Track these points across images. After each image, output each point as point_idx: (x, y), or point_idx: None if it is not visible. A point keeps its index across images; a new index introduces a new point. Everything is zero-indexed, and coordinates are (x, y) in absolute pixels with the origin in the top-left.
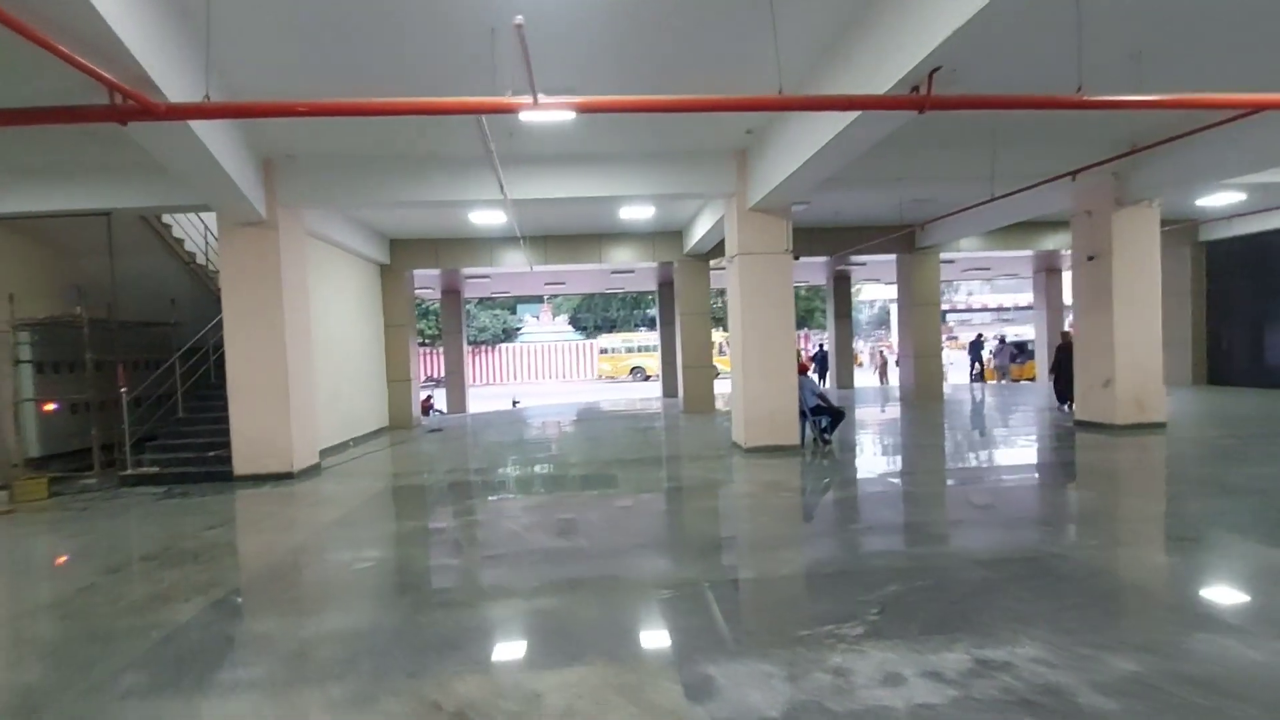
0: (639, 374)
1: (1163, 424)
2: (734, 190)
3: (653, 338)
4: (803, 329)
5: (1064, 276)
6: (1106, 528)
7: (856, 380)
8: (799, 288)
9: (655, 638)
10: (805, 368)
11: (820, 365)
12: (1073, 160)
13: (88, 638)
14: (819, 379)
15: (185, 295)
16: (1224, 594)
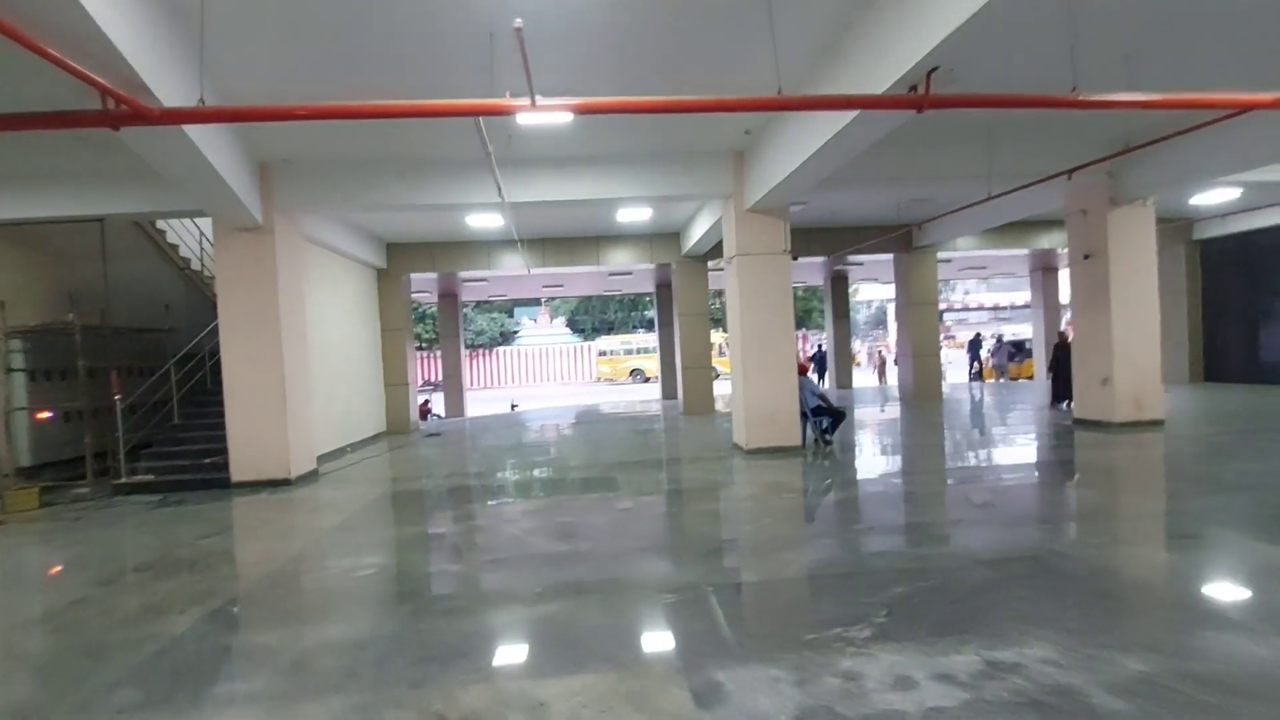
0: (638, 376)
1: (1160, 421)
2: (732, 191)
3: (651, 339)
4: (800, 329)
5: (1060, 275)
6: (1108, 526)
7: (855, 380)
8: (796, 288)
9: (661, 643)
10: (805, 368)
11: (819, 366)
12: (1068, 159)
13: (80, 652)
14: (817, 379)
15: (180, 301)
16: (1227, 591)
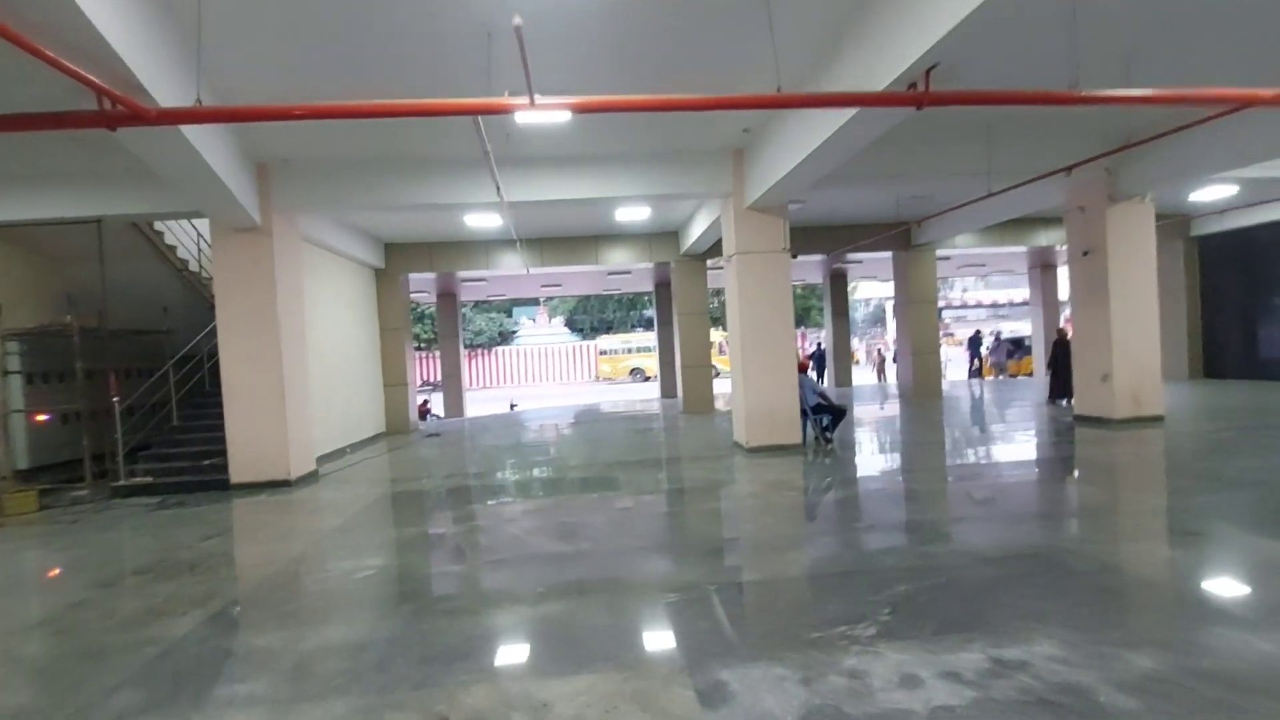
0: (638, 375)
1: (1160, 418)
2: (731, 190)
3: (652, 339)
4: (799, 328)
5: (1059, 272)
6: (1111, 522)
7: (854, 378)
8: (795, 287)
9: (664, 643)
10: (805, 366)
11: (818, 364)
12: (1068, 156)
13: (80, 655)
14: (817, 378)
15: (178, 302)
16: (1232, 587)
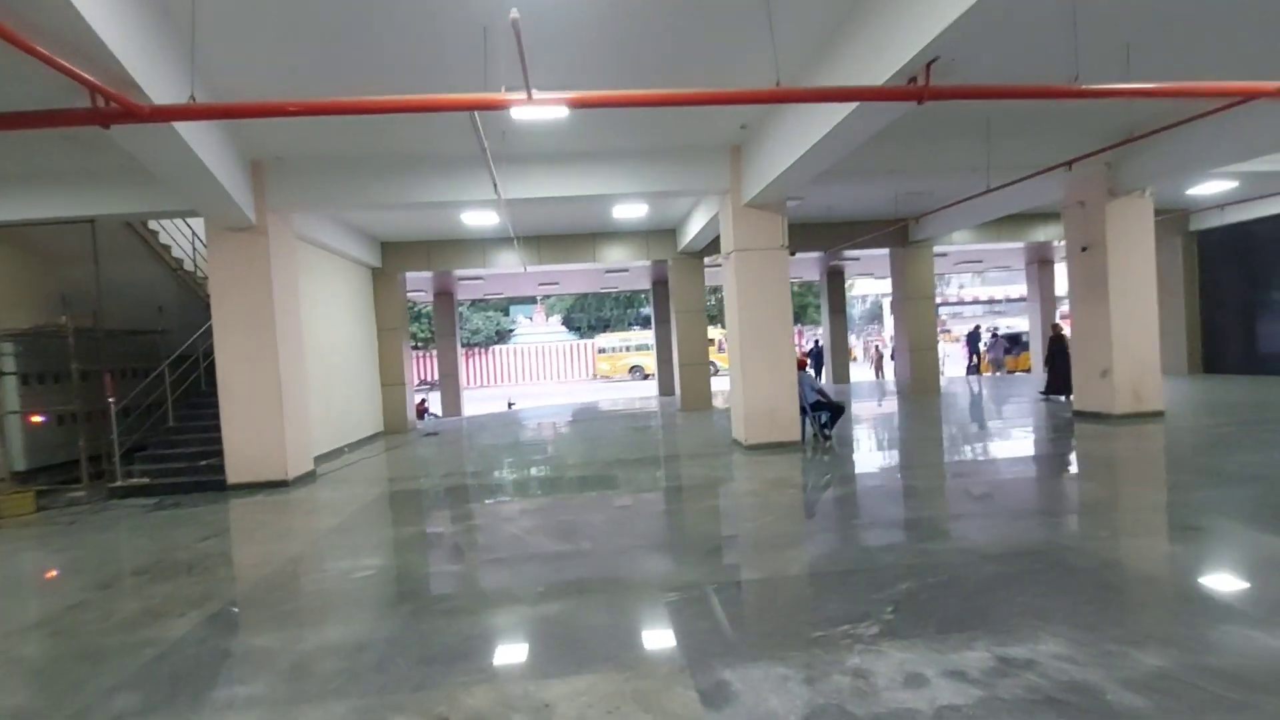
0: (637, 373)
1: (1160, 413)
2: (729, 186)
3: (650, 336)
4: (797, 325)
5: (1056, 268)
6: (1113, 518)
7: (852, 375)
8: (792, 284)
9: (665, 642)
10: (803, 363)
11: (815, 361)
12: (1068, 150)
13: (78, 656)
14: (815, 375)
15: (173, 302)
16: (1237, 584)
